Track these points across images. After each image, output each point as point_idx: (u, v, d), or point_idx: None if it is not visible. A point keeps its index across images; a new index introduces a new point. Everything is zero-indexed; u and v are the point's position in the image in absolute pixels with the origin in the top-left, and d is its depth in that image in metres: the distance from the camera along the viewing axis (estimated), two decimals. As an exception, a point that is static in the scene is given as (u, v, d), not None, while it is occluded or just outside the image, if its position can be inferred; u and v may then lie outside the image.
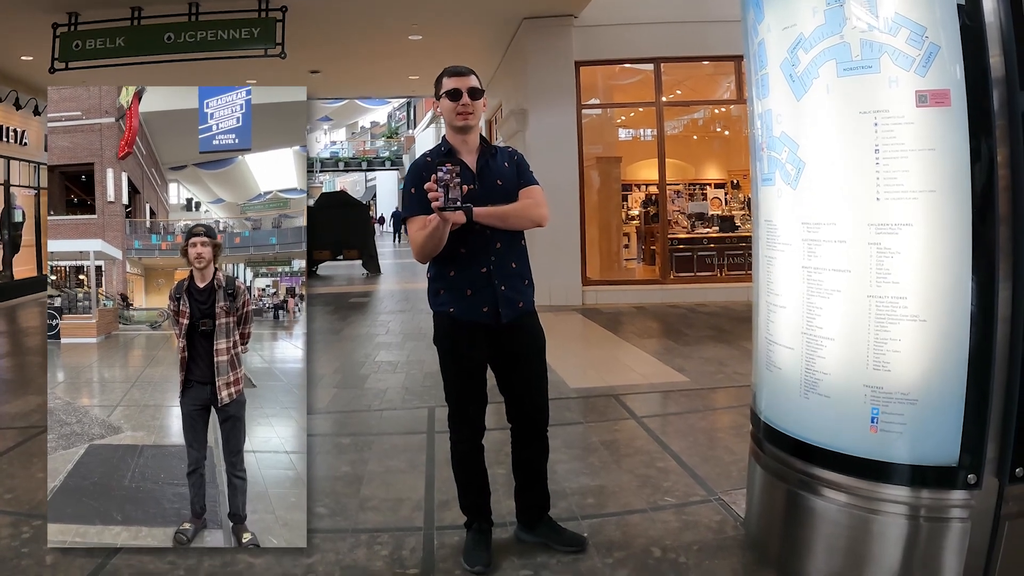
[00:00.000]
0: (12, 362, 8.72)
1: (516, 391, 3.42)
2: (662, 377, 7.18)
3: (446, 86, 3.29)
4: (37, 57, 12.83)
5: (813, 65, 2.90)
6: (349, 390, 6.99)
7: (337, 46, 14.13)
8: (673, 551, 3.48)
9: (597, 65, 13.22)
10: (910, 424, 2.78)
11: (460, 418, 3.41)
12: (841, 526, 2.98)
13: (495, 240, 3.25)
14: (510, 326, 3.29)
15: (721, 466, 4.57)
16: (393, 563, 3.44)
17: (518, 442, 3.51)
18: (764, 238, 3.33)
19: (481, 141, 3.38)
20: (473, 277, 3.25)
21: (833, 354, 2.94)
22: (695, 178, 15.50)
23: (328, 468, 4.74)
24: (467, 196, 3.11)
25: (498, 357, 3.37)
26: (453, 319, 3.30)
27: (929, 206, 2.68)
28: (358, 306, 13.87)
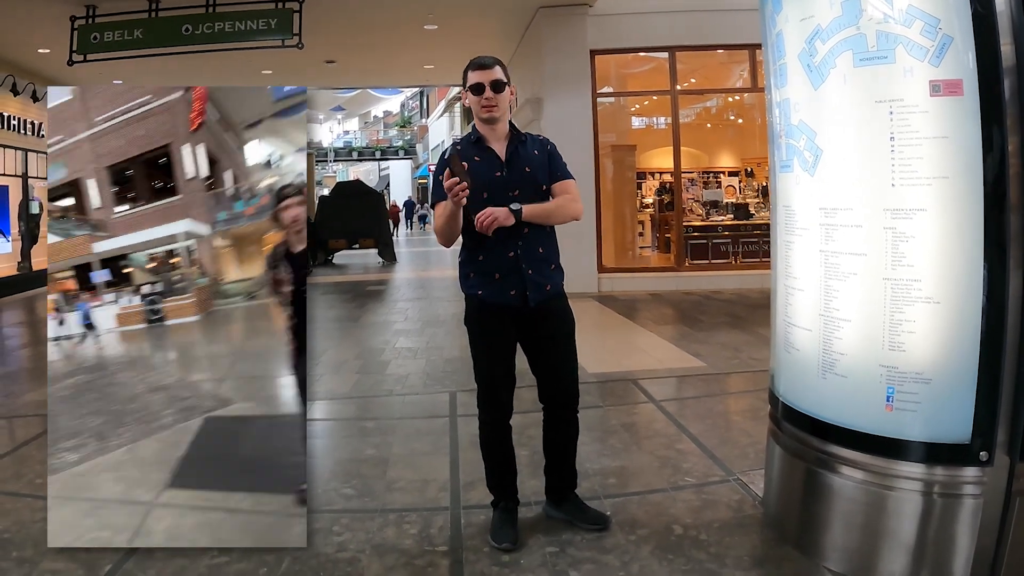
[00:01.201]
0: (33, 352, 8.87)
1: (545, 373, 3.52)
2: (679, 362, 7.28)
3: (470, 80, 3.38)
4: (54, 50, 12.99)
5: (830, 55, 2.98)
6: (371, 375, 7.12)
7: (353, 36, 14.21)
8: (694, 529, 3.58)
9: (612, 54, 13.26)
10: (924, 403, 2.87)
11: (488, 399, 3.50)
12: (857, 502, 3.07)
13: (523, 226, 3.33)
14: (539, 309, 3.39)
15: (739, 448, 4.67)
16: (422, 541, 3.55)
17: (548, 422, 3.62)
18: (782, 223, 3.41)
19: (511, 128, 3.46)
20: (501, 262, 3.35)
21: (850, 335, 3.03)
22: (709, 166, 15.54)
23: (353, 451, 4.87)
24: (495, 182, 3.27)
25: (528, 339, 3.47)
26: (482, 301, 3.41)
27: (942, 192, 2.76)
28: (375, 294, 14.00)
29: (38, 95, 15.50)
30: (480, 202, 3.25)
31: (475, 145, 3.38)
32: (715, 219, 13.61)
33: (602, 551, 3.39)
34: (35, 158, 15.99)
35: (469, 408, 5.82)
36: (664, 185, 14.49)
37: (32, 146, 15.88)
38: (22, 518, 3.83)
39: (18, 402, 6.43)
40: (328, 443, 5.10)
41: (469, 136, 3.44)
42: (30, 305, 13.15)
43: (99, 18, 11.09)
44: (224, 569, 3.30)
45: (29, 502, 4.01)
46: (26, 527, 3.71)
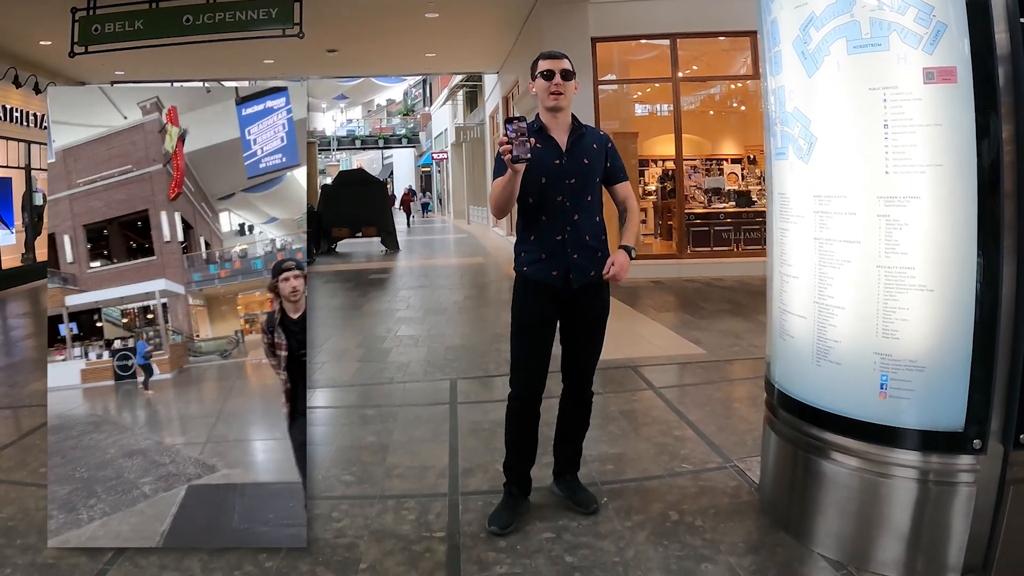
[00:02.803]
0: (38, 342, 8.91)
1: (572, 349, 3.63)
2: (679, 349, 7.30)
3: (541, 67, 3.48)
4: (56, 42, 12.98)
5: (824, 43, 2.98)
6: (372, 363, 7.15)
7: (354, 25, 14.19)
8: (690, 515, 3.61)
9: (613, 41, 13.24)
10: (918, 390, 2.88)
11: (518, 375, 3.57)
12: (852, 489, 3.09)
13: (573, 212, 3.46)
14: (580, 291, 3.49)
15: (736, 435, 4.69)
16: (420, 527, 3.58)
17: (564, 398, 3.74)
18: (777, 211, 3.42)
19: (573, 120, 3.55)
20: (549, 243, 3.46)
21: (844, 323, 3.04)
22: (711, 153, 15.52)
23: (354, 438, 4.91)
24: (554, 170, 3.41)
25: (565, 320, 3.57)
26: (526, 278, 3.52)
27: (936, 180, 2.76)
28: (378, 282, 14.02)
29: (40, 87, 15.51)
30: (538, 187, 3.41)
31: (538, 133, 3.47)
32: (717, 206, 13.60)
33: (598, 537, 3.42)
34: (38, 150, 16.00)
35: (469, 396, 5.90)
36: (666, 172, 14.47)
37: (35, 138, 15.89)
38: (26, 506, 3.87)
39: (23, 392, 6.47)
40: (329, 430, 5.13)
41: (532, 124, 3.49)
42: (34, 296, 13.20)
43: (100, 9, 11.08)
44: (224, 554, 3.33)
45: (33, 490, 4.05)
46: (30, 515, 3.75)
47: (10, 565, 3.29)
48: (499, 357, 6.94)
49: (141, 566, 3.26)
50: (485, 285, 12.72)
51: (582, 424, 3.77)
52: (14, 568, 3.26)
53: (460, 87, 31.11)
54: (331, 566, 3.24)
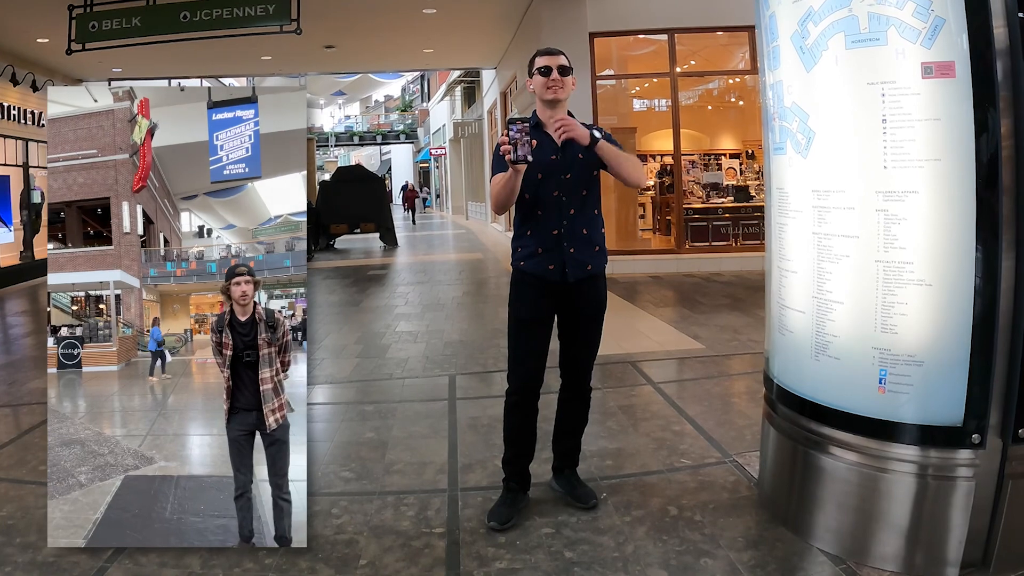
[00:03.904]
0: (36, 340, 8.91)
1: (569, 343, 3.64)
2: (678, 344, 7.30)
3: (538, 64, 3.50)
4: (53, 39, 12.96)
5: (822, 37, 2.98)
6: (371, 359, 7.15)
7: (352, 21, 14.16)
8: (689, 510, 3.61)
9: (611, 36, 13.21)
10: (917, 385, 2.88)
11: (516, 369, 3.59)
12: (851, 484, 3.09)
13: (569, 207, 3.47)
14: (577, 284, 3.50)
15: (735, 429, 4.70)
16: (419, 523, 3.59)
17: (562, 394, 3.76)
18: (776, 205, 3.42)
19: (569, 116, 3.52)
20: (545, 238, 3.47)
21: (842, 317, 3.04)
22: (710, 148, 15.54)
23: (353, 434, 4.91)
24: (550, 165, 3.42)
25: (563, 314, 3.59)
26: (522, 272, 3.54)
27: (935, 174, 2.76)
28: (377, 278, 14.02)
29: (38, 85, 15.48)
30: (535, 182, 3.42)
31: (534, 129, 3.48)
32: (715, 201, 13.60)
33: (597, 532, 3.42)
34: (35, 147, 15.98)
35: (468, 391, 5.90)
36: (665, 167, 14.47)
37: (32, 135, 15.86)
38: (26, 504, 3.87)
39: (22, 390, 6.47)
40: (328, 426, 5.13)
41: (529, 120, 3.49)
42: (33, 294, 13.18)
43: (97, 7, 11.03)
44: (224, 551, 3.33)
45: (32, 488, 4.05)
46: (30, 513, 3.75)
47: (10, 563, 3.29)
48: (498, 353, 6.94)
49: (140, 563, 3.26)
50: (484, 281, 12.71)
51: (581, 419, 3.79)
52: (14, 566, 3.26)
53: (458, 83, 31.05)
54: (331, 563, 3.24)
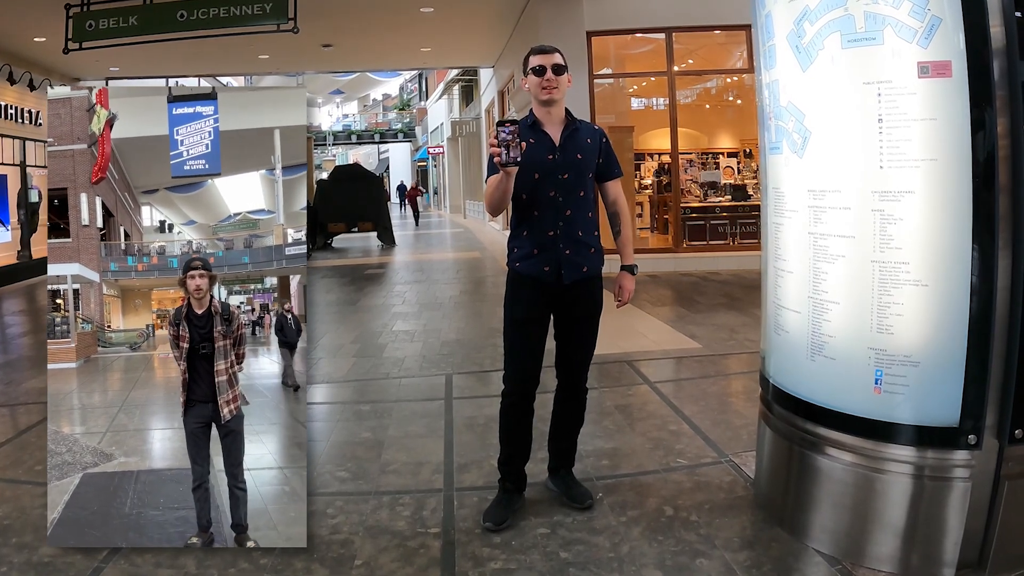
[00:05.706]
0: (34, 339, 8.89)
1: (565, 344, 3.63)
2: (675, 344, 7.30)
3: (532, 63, 3.48)
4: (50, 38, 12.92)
5: (818, 37, 2.97)
6: (368, 359, 7.14)
7: (349, 19, 14.15)
8: (685, 510, 3.61)
9: (609, 35, 13.21)
10: (913, 386, 2.88)
11: (511, 370, 3.58)
12: (847, 485, 3.09)
13: (565, 207, 3.46)
14: (572, 286, 3.49)
15: (732, 429, 4.69)
16: (415, 523, 3.58)
17: (559, 394, 3.75)
18: (772, 205, 3.42)
19: (567, 115, 3.54)
20: (541, 239, 3.46)
21: (838, 318, 3.04)
22: (708, 147, 15.53)
23: (349, 434, 4.90)
24: (547, 165, 3.40)
25: (558, 315, 3.58)
26: (518, 273, 3.53)
27: (931, 174, 2.75)
28: (374, 277, 14.01)
29: (35, 84, 15.46)
30: (531, 183, 3.40)
31: (531, 128, 3.47)
32: (713, 200, 13.60)
33: (592, 532, 3.42)
34: (33, 147, 15.97)
35: (465, 391, 5.90)
36: (662, 166, 14.47)
37: (30, 135, 15.86)
38: (22, 504, 3.86)
39: (19, 390, 6.45)
40: (324, 426, 5.13)
41: (526, 119, 3.50)
42: (30, 293, 13.17)
43: (94, 6, 11.02)
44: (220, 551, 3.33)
45: (29, 488, 4.05)
46: (26, 513, 3.74)
47: (6, 563, 3.28)
48: (495, 352, 6.93)
49: (136, 563, 3.25)
50: (481, 280, 12.70)
51: (577, 419, 3.78)
52: (10, 567, 3.26)
53: (456, 81, 31.05)
54: (326, 563, 3.23)
